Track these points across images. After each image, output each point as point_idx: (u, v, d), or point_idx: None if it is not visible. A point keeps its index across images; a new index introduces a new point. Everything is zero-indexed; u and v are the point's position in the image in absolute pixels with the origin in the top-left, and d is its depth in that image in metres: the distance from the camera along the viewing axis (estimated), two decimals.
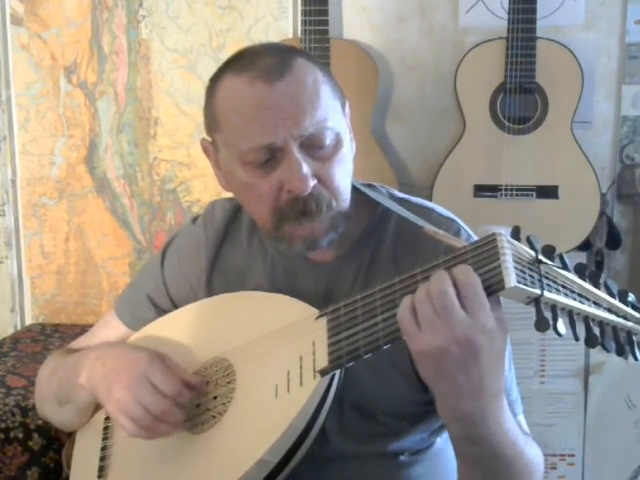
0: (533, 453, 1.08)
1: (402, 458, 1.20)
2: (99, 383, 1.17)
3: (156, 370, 1.12)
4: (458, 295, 0.91)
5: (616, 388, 2.38)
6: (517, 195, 2.22)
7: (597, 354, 2.33)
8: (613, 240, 2.30)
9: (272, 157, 1.08)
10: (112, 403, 1.13)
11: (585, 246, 2.27)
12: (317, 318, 1.06)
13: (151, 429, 1.10)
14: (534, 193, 2.22)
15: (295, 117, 1.06)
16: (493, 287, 0.90)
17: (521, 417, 1.19)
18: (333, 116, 1.10)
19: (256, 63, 1.08)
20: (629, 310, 0.96)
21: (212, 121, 1.14)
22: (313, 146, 1.08)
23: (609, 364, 2.36)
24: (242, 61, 1.11)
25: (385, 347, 0.97)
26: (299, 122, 1.06)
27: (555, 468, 2.44)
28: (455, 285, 0.91)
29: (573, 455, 2.43)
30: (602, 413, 2.40)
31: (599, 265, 2.30)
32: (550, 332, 0.91)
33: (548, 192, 2.22)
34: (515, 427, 1.02)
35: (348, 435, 1.17)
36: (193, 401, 1.13)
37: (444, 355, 0.91)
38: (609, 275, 2.36)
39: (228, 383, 1.11)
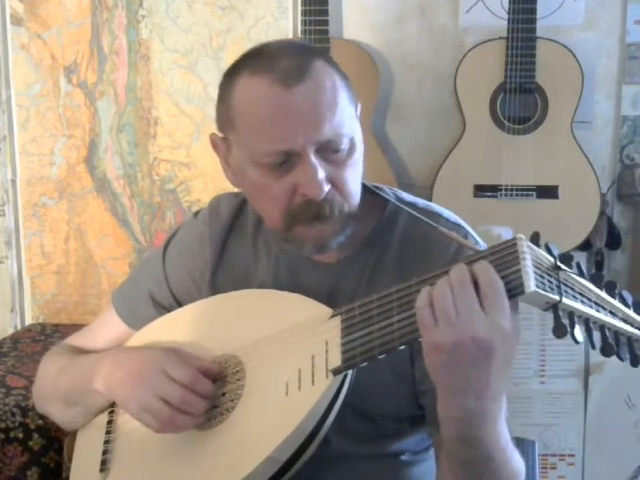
0: (518, 462, 1.07)
1: (403, 458, 1.20)
2: (118, 387, 1.16)
3: (171, 362, 1.11)
4: (478, 293, 0.91)
5: (616, 388, 2.38)
6: (517, 195, 2.21)
7: (597, 354, 2.32)
8: (613, 240, 2.30)
9: (287, 160, 1.07)
10: (134, 402, 1.12)
11: (585, 246, 2.27)
12: (330, 317, 1.06)
13: (173, 422, 1.09)
14: (534, 193, 2.22)
15: (314, 124, 1.05)
16: (513, 291, 0.90)
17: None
18: (349, 121, 1.09)
19: (275, 64, 1.06)
20: None
21: (226, 119, 1.12)
22: (328, 150, 1.07)
23: (609, 364, 2.36)
24: (260, 60, 1.09)
25: (401, 348, 0.97)
26: (318, 129, 1.05)
27: (555, 468, 2.44)
28: (476, 283, 0.91)
29: (573, 455, 2.43)
30: (602, 413, 2.40)
31: (599, 265, 2.31)
32: (550, 332, 0.91)
33: (548, 192, 2.22)
34: (507, 432, 1.02)
35: (348, 435, 1.17)
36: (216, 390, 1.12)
37: (459, 351, 0.90)
38: (609, 275, 2.36)
39: (237, 380, 1.11)
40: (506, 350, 0.92)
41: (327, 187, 1.07)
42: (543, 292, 0.89)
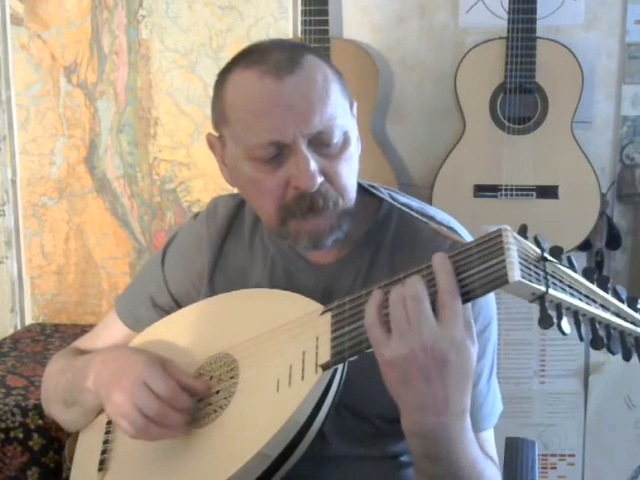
0: (491, 474, 1.07)
1: (402, 459, 1.20)
2: (102, 386, 1.17)
3: (153, 373, 1.11)
4: (434, 302, 0.92)
5: (616, 388, 2.38)
6: (517, 195, 2.22)
7: (597, 354, 2.33)
8: (613, 240, 2.30)
9: (280, 153, 1.07)
10: (111, 406, 1.13)
11: (585, 246, 2.27)
12: (322, 313, 1.06)
13: (149, 432, 1.10)
14: (534, 193, 2.22)
15: (305, 115, 1.06)
16: (497, 281, 0.90)
17: (489, 432, 1.18)
18: (342, 114, 1.09)
19: (266, 58, 1.07)
20: (638, 316, 0.96)
21: (220, 115, 1.13)
22: (321, 144, 1.08)
23: (609, 364, 2.36)
24: (252, 56, 1.10)
25: None
26: (308, 120, 1.06)
27: (555, 468, 2.44)
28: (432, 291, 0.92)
29: (573, 455, 2.43)
30: (602, 413, 2.40)
31: (599, 265, 2.31)
32: (550, 332, 0.90)
33: (548, 192, 2.22)
34: (476, 449, 1.01)
35: (346, 437, 1.17)
36: (194, 404, 1.12)
37: (410, 363, 0.91)
38: (609, 275, 2.36)
39: (231, 378, 1.11)
40: (460, 361, 0.92)
41: (320, 179, 1.07)
42: (528, 282, 0.88)
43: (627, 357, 0.94)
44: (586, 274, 0.95)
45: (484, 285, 0.92)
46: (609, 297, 0.95)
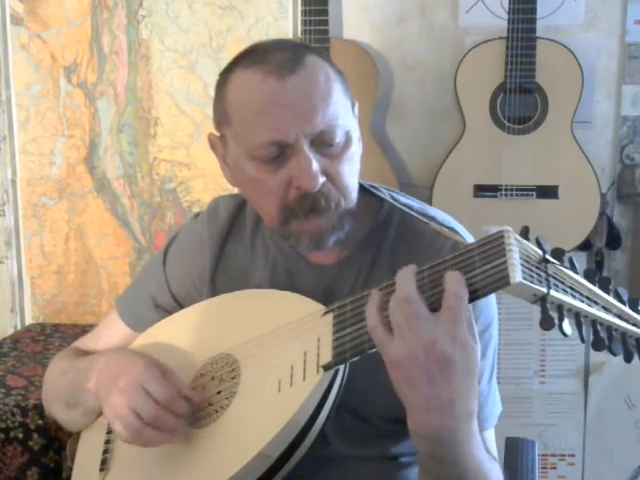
0: (495, 477, 1.06)
1: (402, 460, 1.20)
2: (101, 388, 1.17)
3: (151, 377, 1.10)
4: (438, 300, 0.91)
5: (616, 388, 2.38)
6: (517, 195, 2.22)
7: (597, 354, 2.33)
8: (613, 240, 2.31)
9: (282, 153, 1.07)
10: (108, 407, 1.12)
11: (585, 246, 2.27)
12: (324, 314, 1.06)
13: (142, 435, 1.08)
14: (534, 193, 2.22)
15: (307, 114, 1.05)
16: (498, 283, 0.90)
17: (490, 432, 1.18)
18: (344, 114, 1.09)
19: (268, 58, 1.07)
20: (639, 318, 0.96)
21: (222, 115, 1.13)
22: (323, 143, 1.08)
23: (609, 364, 2.36)
24: (254, 56, 1.10)
25: None
26: (311, 119, 1.05)
27: (555, 468, 2.44)
28: (442, 291, 0.92)
29: (573, 455, 2.44)
30: (602, 413, 2.41)
31: (599, 265, 2.31)
32: (551, 332, 0.90)
33: (548, 192, 2.22)
34: (482, 451, 1.01)
35: (347, 437, 1.17)
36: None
37: (412, 363, 0.90)
38: (609, 275, 2.36)
39: (232, 378, 1.11)
40: (465, 361, 0.91)
41: (322, 179, 1.07)
42: (529, 284, 0.88)
43: (628, 359, 0.94)
44: (587, 276, 0.94)
45: (486, 286, 0.92)
46: (610, 299, 0.95)
